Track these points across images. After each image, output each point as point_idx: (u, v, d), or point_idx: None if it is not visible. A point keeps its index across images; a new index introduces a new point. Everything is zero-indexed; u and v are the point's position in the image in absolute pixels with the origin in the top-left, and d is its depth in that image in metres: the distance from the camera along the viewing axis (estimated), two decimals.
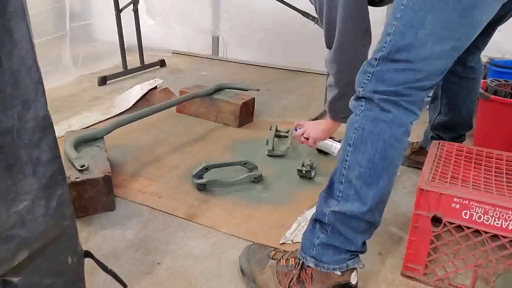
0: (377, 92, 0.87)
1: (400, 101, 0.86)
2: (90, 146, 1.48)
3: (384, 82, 0.86)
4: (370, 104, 0.89)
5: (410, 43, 0.83)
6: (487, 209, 0.95)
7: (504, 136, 1.68)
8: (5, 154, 0.60)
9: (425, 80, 0.86)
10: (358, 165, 0.89)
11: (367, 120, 0.88)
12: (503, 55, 2.43)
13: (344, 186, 0.92)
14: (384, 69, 0.86)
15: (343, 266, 0.95)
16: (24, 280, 0.66)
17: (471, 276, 1.05)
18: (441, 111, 1.53)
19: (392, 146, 0.88)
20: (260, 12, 3.03)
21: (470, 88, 1.48)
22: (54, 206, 0.69)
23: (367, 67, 0.89)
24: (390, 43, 0.85)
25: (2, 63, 0.57)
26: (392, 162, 0.89)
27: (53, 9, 2.58)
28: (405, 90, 0.86)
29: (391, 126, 0.87)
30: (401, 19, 0.84)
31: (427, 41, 0.82)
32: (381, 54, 0.86)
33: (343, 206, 0.92)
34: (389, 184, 0.92)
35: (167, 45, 3.38)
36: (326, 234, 0.94)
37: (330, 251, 0.95)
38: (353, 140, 0.90)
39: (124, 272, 1.08)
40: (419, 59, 0.84)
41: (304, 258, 0.98)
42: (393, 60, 0.85)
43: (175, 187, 1.49)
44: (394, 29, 0.84)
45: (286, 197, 1.45)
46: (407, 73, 0.85)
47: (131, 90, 2.29)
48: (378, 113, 0.87)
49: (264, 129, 1.96)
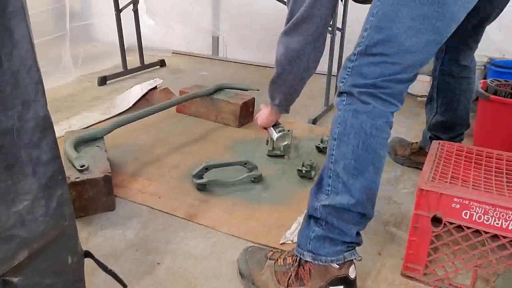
0: (356, 85, 0.90)
1: (378, 93, 0.89)
2: (90, 146, 1.48)
3: (362, 76, 0.89)
4: (351, 98, 0.92)
5: (385, 37, 0.86)
6: (487, 209, 0.95)
7: (504, 136, 1.68)
8: (5, 154, 0.60)
9: (402, 73, 0.88)
10: (343, 157, 0.92)
11: (349, 114, 0.91)
12: (503, 55, 2.44)
13: (332, 180, 0.94)
14: (362, 63, 0.89)
15: (340, 258, 0.96)
16: (24, 280, 0.66)
17: (471, 276, 1.05)
18: (437, 111, 1.54)
19: (374, 137, 0.90)
20: (260, 12, 3.03)
21: (465, 87, 1.48)
22: (54, 206, 0.69)
23: (347, 63, 0.93)
24: (367, 38, 0.88)
25: (2, 63, 0.57)
26: (376, 152, 0.91)
27: (53, 9, 2.57)
28: (382, 82, 0.88)
29: (371, 117, 0.89)
30: (377, 14, 0.87)
31: (401, 35, 0.85)
32: (359, 49, 0.90)
33: (332, 200, 0.93)
34: (375, 175, 0.93)
35: (167, 45, 3.38)
36: (321, 227, 0.96)
37: (326, 243, 0.96)
38: (337, 134, 0.93)
39: (124, 272, 1.08)
40: (394, 52, 0.86)
41: (301, 254, 0.99)
42: (370, 54, 0.88)
43: (175, 187, 1.49)
44: (371, 24, 0.88)
45: (286, 197, 1.45)
46: (383, 66, 0.87)
47: (131, 90, 2.29)
48: (359, 105, 0.90)
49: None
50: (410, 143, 1.72)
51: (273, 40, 1.27)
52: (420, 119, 2.05)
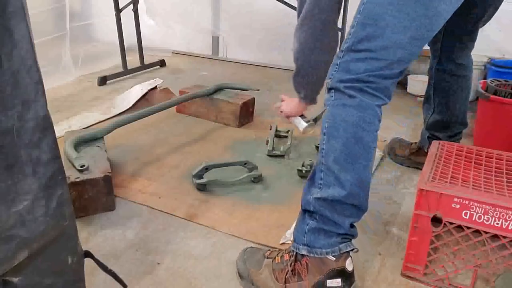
0: (342, 81, 0.92)
1: (364, 87, 0.90)
2: (90, 146, 1.48)
3: (349, 72, 0.91)
4: (338, 93, 0.93)
5: (370, 33, 0.88)
6: (487, 209, 0.95)
7: (504, 136, 1.68)
8: (5, 154, 0.60)
9: (386, 68, 0.89)
10: (333, 151, 0.93)
11: (337, 109, 0.93)
12: (503, 55, 2.44)
13: (324, 173, 0.95)
14: (348, 59, 0.92)
15: (336, 249, 0.96)
16: (24, 280, 0.66)
17: (471, 276, 1.05)
18: (434, 110, 1.54)
19: (363, 129, 0.91)
20: (260, 12, 3.03)
21: (462, 86, 1.49)
22: (54, 206, 0.69)
23: (335, 60, 0.95)
24: (353, 34, 0.90)
25: (2, 63, 0.57)
26: (365, 145, 0.92)
27: (53, 9, 2.58)
28: (367, 77, 0.90)
29: (358, 110, 0.91)
30: (363, 11, 0.89)
31: (386, 31, 0.86)
32: (346, 45, 0.92)
33: (324, 192, 0.95)
34: (366, 168, 0.94)
35: (167, 45, 3.38)
36: (315, 220, 0.97)
37: (321, 235, 0.96)
38: (327, 129, 0.94)
39: (124, 272, 1.08)
40: (379, 48, 0.88)
41: (297, 248, 0.99)
42: (356, 50, 0.90)
43: (175, 187, 1.49)
44: (357, 21, 0.90)
45: (286, 197, 1.45)
46: (368, 62, 0.89)
47: (131, 90, 2.29)
48: (346, 100, 0.92)
49: (264, 129, 1.96)
50: (409, 143, 1.72)
51: (273, 40, 1.27)
52: (420, 119, 2.04)
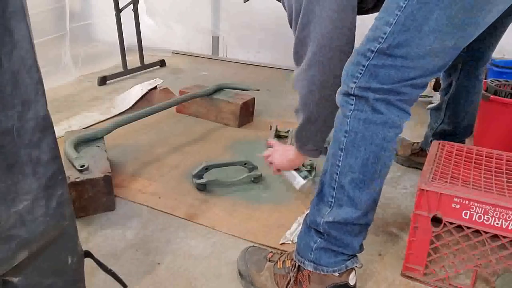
0: (372, 90, 0.81)
1: (395, 100, 0.81)
2: (90, 146, 1.48)
3: (378, 79, 0.80)
4: (362, 103, 0.82)
5: (411, 38, 0.77)
6: (487, 209, 0.95)
7: (504, 136, 1.68)
8: (5, 154, 0.60)
9: (420, 77, 0.81)
10: (351, 170, 0.86)
11: (359, 123, 0.83)
12: (503, 55, 2.43)
13: (337, 191, 0.89)
14: (379, 63, 0.79)
15: (342, 267, 0.95)
16: (24, 280, 0.66)
17: (471, 276, 1.05)
18: (443, 121, 1.54)
19: (385, 149, 0.85)
20: (260, 12, 3.02)
21: (475, 100, 1.49)
22: (54, 206, 0.69)
23: (360, 59, 0.81)
24: (391, 35, 0.77)
25: (2, 63, 0.57)
26: (385, 164, 0.87)
27: (53, 9, 2.57)
28: (401, 88, 0.80)
29: (383, 129, 0.83)
30: (406, 10, 0.76)
31: (429, 37, 0.76)
32: (379, 46, 0.79)
33: (336, 215, 0.90)
34: (381, 186, 0.91)
35: (167, 45, 3.38)
36: (323, 239, 0.94)
37: (328, 254, 0.94)
38: (345, 144, 0.86)
39: (124, 272, 1.08)
40: (418, 56, 0.78)
41: (302, 262, 0.97)
42: (391, 55, 0.78)
43: (175, 187, 1.49)
44: (397, 20, 0.77)
45: (286, 197, 1.45)
46: (403, 70, 0.79)
47: (131, 90, 2.29)
48: (370, 114, 0.82)
49: (264, 129, 1.96)
50: (411, 143, 1.71)
51: (273, 40, 1.26)
52: (420, 119, 2.05)
